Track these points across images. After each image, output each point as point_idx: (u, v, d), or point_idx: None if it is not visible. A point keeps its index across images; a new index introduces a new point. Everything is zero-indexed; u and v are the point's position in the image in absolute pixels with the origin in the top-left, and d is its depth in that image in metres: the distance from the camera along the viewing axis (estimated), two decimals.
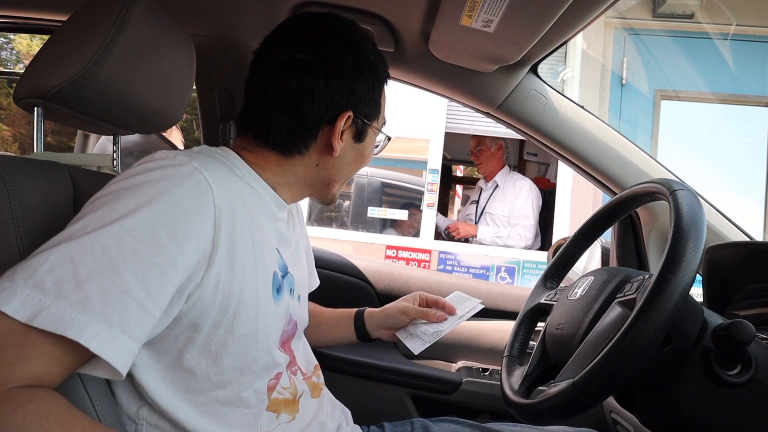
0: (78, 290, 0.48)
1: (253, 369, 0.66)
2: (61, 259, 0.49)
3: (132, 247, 0.51)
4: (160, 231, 0.53)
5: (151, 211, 0.53)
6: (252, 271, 0.63)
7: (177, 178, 0.56)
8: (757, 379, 0.58)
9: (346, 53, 0.70)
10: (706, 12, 4.04)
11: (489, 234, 3.21)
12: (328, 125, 0.71)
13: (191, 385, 0.62)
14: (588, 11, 0.84)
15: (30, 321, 0.47)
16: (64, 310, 0.47)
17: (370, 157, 0.80)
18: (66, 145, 4.98)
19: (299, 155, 0.72)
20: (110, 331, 0.49)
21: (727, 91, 4.05)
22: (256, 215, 0.67)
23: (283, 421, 0.72)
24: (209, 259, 0.57)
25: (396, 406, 1.25)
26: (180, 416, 0.61)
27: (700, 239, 0.57)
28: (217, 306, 0.60)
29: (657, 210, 1.14)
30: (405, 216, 3.84)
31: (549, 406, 0.62)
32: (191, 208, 0.55)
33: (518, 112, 1.14)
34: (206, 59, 1.16)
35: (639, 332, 0.54)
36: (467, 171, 5.90)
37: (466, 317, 0.96)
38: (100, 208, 0.53)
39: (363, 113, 0.73)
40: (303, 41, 0.70)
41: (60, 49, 0.72)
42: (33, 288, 0.48)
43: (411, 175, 4.10)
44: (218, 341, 0.61)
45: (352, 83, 0.70)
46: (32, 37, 5.84)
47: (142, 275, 0.51)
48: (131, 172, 0.58)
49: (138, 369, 0.60)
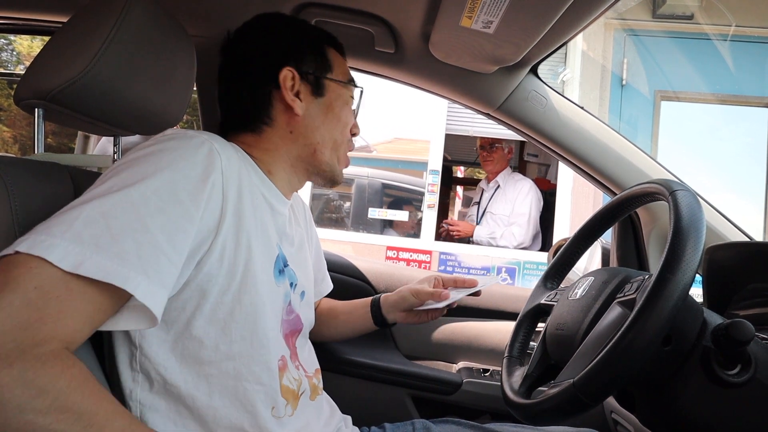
0: (114, 244, 0.50)
1: (263, 342, 0.66)
2: (94, 215, 0.51)
3: (157, 205, 0.54)
4: (180, 192, 0.56)
5: (172, 174, 0.57)
6: (257, 246, 0.66)
7: (192, 147, 0.60)
8: (757, 378, 0.58)
9: (266, 24, 0.78)
10: (706, 13, 4.05)
11: (484, 234, 3.21)
12: (276, 89, 0.75)
13: (200, 355, 0.62)
14: (588, 12, 0.84)
15: (75, 269, 0.48)
16: (104, 261, 0.49)
17: (345, 114, 0.81)
18: (66, 147, 4.99)
19: (267, 127, 0.76)
20: (148, 282, 0.51)
21: (726, 92, 4.05)
22: (258, 201, 0.70)
23: (287, 413, 0.71)
24: (217, 227, 0.61)
25: (396, 406, 1.25)
26: (186, 389, 0.62)
27: (699, 239, 0.57)
28: (223, 273, 0.62)
29: (657, 210, 1.14)
30: (405, 217, 3.84)
31: (549, 406, 0.62)
32: (204, 173, 0.59)
33: (518, 113, 1.14)
34: (207, 60, 1.16)
35: (639, 332, 0.54)
36: (468, 172, 5.90)
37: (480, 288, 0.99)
38: (123, 171, 0.56)
39: (308, 68, 0.77)
40: (233, 40, 0.79)
41: (61, 51, 0.72)
42: (72, 240, 0.49)
43: (411, 176, 4.11)
44: (226, 309, 0.63)
45: (278, 43, 0.76)
46: (33, 39, 5.85)
47: (168, 232, 0.54)
48: (148, 143, 0.61)
49: (146, 340, 0.61)
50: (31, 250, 0.48)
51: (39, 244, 0.48)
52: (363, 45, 1.08)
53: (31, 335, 0.46)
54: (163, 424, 0.62)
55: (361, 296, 1.32)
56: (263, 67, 0.75)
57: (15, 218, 0.59)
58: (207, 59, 1.16)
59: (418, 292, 0.98)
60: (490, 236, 3.20)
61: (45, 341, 0.46)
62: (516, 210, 3.16)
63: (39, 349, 0.46)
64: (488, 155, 3.25)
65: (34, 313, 0.46)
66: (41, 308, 0.47)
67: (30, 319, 0.46)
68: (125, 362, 0.63)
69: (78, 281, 0.49)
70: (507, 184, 3.21)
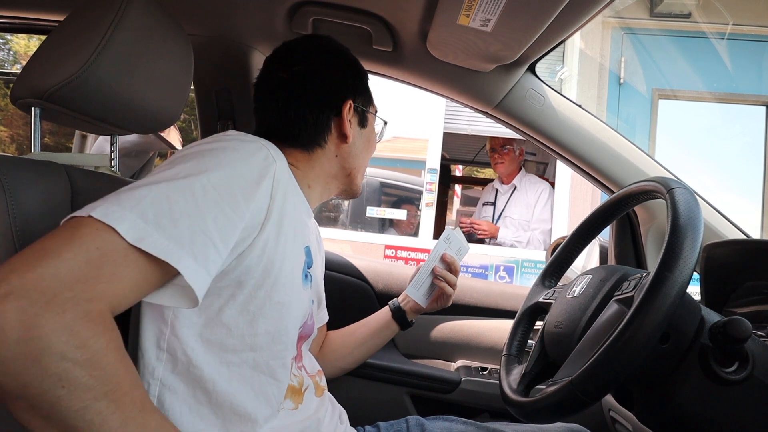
0: (173, 226, 0.55)
1: (283, 339, 0.70)
2: (160, 196, 0.56)
3: (214, 198, 0.59)
4: (235, 189, 0.61)
5: (231, 171, 0.62)
6: (292, 248, 0.71)
7: (250, 150, 0.66)
8: (754, 375, 0.58)
9: (331, 56, 0.85)
10: (703, 11, 4.05)
11: (509, 237, 3.18)
12: (336, 117, 0.83)
13: (226, 342, 0.66)
14: (585, 10, 0.84)
15: (137, 243, 0.52)
16: (162, 240, 0.54)
17: (375, 144, 0.93)
18: (63, 146, 4.97)
19: (320, 149, 0.83)
20: (196, 265, 0.56)
21: (724, 90, 4.06)
22: (297, 211, 0.75)
23: (287, 407, 0.75)
24: (262, 224, 0.65)
25: (395, 405, 1.25)
26: (208, 372, 0.65)
27: (697, 237, 0.57)
28: (261, 269, 0.66)
29: (654, 208, 1.14)
30: (404, 216, 3.84)
31: (547, 404, 0.62)
32: (259, 175, 0.64)
33: (516, 111, 1.14)
34: (204, 59, 1.16)
35: (637, 330, 0.54)
36: (466, 171, 5.90)
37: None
38: (191, 160, 0.62)
39: (360, 101, 0.86)
40: (295, 58, 0.84)
41: (57, 49, 0.72)
42: (138, 216, 0.54)
43: (410, 174, 4.10)
44: (257, 303, 0.66)
45: (343, 78, 0.84)
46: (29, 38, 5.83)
47: (220, 223, 0.59)
48: (211, 139, 0.67)
49: (179, 321, 0.64)
50: (104, 217, 0.52)
51: (111, 213, 0.52)
52: (361, 43, 1.08)
53: (86, 289, 0.49)
54: (179, 405, 0.65)
55: (360, 295, 1.32)
56: (332, 97, 0.83)
57: (12, 216, 0.59)
58: (204, 58, 1.16)
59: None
60: (516, 239, 3.18)
61: (96, 299, 0.50)
62: (538, 215, 3.15)
63: (89, 305, 0.49)
64: (499, 157, 3.19)
65: (93, 271, 0.50)
66: (99, 267, 0.50)
67: (88, 275, 0.50)
68: (152, 340, 0.65)
69: (135, 252, 0.53)
70: (523, 187, 3.19)
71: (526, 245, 3.18)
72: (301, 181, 0.81)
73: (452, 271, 1.07)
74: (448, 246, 1.08)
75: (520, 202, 3.18)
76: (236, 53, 1.18)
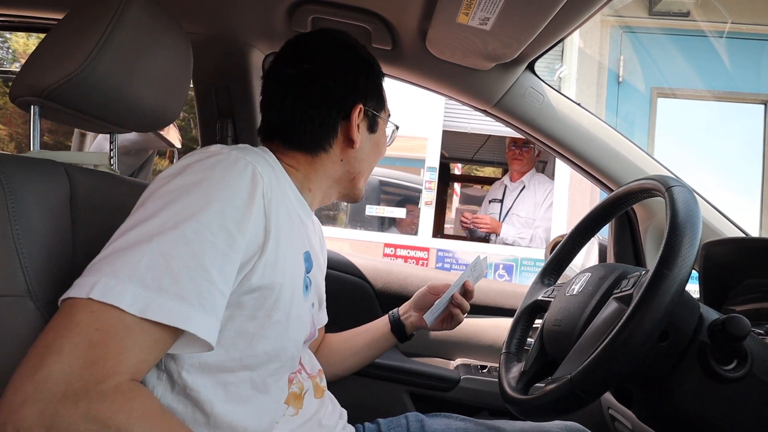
0: (175, 284, 0.54)
1: (281, 357, 0.69)
2: (155, 255, 0.54)
3: (209, 240, 0.57)
4: (228, 222, 0.59)
5: (219, 205, 0.59)
6: (291, 264, 0.68)
7: (236, 173, 0.62)
8: (753, 373, 0.58)
9: (344, 55, 0.79)
10: (702, 10, 4.06)
11: (512, 234, 3.18)
12: (344, 121, 0.78)
13: (223, 363, 0.64)
14: (584, 9, 0.84)
15: (143, 314, 0.51)
16: (167, 302, 0.53)
17: (384, 148, 0.89)
18: (63, 145, 4.96)
19: (324, 152, 0.79)
20: (205, 317, 0.55)
21: (723, 89, 4.07)
22: (292, 214, 0.72)
23: (288, 414, 0.74)
24: (262, 247, 0.63)
25: (394, 403, 1.25)
26: (205, 394, 0.63)
27: (695, 235, 0.58)
28: (260, 291, 0.64)
29: (653, 206, 1.14)
30: (403, 214, 3.84)
31: (546, 401, 0.62)
32: (249, 199, 0.61)
33: (515, 109, 1.14)
34: (203, 57, 1.16)
35: (636, 328, 0.55)
36: (465, 169, 5.90)
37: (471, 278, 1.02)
38: (175, 203, 0.58)
39: (371, 105, 0.81)
40: (306, 54, 0.79)
41: (56, 48, 0.72)
42: (138, 284, 0.52)
43: (409, 173, 4.10)
44: (257, 324, 0.65)
45: (355, 79, 0.79)
46: (29, 36, 5.82)
47: (220, 265, 0.57)
48: (194, 168, 0.62)
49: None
50: (104, 297, 0.51)
51: (110, 290, 0.51)
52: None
53: (94, 373, 0.49)
54: None
55: (359, 294, 1.32)
56: (341, 100, 0.78)
57: (11, 215, 0.58)
58: (203, 56, 1.16)
59: (434, 287, 1.03)
60: (519, 236, 3.18)
61: (108, 377, 0.49)
62: (543, 214, 3.16)
63: (102, 386, 0.49)
64: (519, 153, 3.17)
65: (97, 352, 0.50)
66: (104, 346, 0.50)
67: (93, 358, 0.49)
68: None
69: (142, 322, 0.52)
70: (532, 185, 3.19)
71: (529, 242, 3.18)
72: (302, 184, 0.78)
73: (467, 296, 1.02)
74: (472, 272, 1.04)
75: (528, 201, 3.18)
76: (235, 52, 1.17)
